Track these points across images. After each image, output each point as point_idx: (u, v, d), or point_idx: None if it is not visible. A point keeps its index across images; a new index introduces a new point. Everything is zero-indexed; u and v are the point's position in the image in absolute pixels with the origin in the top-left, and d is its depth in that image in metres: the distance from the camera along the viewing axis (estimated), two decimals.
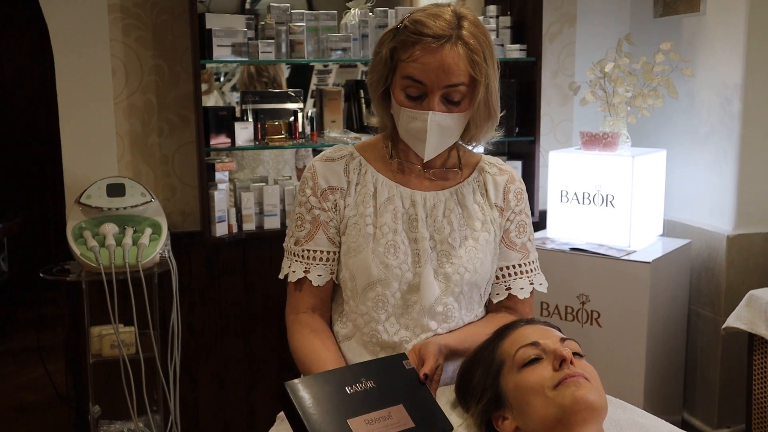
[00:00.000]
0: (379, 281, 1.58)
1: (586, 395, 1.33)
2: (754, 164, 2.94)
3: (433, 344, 1.55)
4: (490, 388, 1.44)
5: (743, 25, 2.88)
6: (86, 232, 2.63)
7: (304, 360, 1.59)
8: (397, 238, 1.59)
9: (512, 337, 1.47)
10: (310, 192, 1.64)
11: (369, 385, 1.45)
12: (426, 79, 1.49)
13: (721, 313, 2.96)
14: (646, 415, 1.62)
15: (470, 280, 1.61)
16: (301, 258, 1.63)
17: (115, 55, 2.94)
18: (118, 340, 2.62)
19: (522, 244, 1.70)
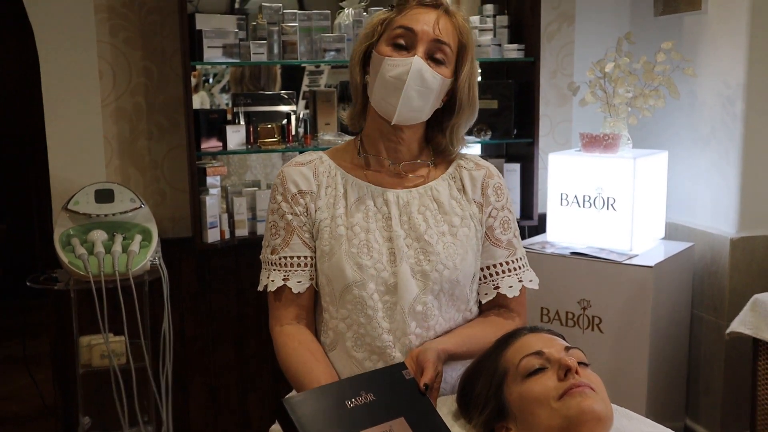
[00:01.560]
0: (355, 283, 1.57)
1: (592, 406, 1.33)
2: (757, 165, 2.94)
3: (431, 351, 1.54)
4: (493, 399, 1.44)
5: (746, 24, 2.88)
6: (74, 239, 2.62)
7: (295, 374, 1.59)
8: (371, 237, 1.58)
9: (516, 346, 1.46)
10: (280, 198, 1.64)
11: (369, 398, 1.43)
12: (417, 27, 1.55)
13: (724, 317, 2.96)
14: (652, 424, 1.62)
15: (450, 277, 1.59)
16: (279, 266, 1.63)
17: (102, 56, 2.93)
18: (108, 350, 2.62)
19: (508, 241, 1.69)
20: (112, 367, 2.61)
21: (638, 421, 1.60)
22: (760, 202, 2.97)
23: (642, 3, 3.38)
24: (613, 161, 2.86)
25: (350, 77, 1.67)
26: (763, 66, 2.89)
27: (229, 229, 2.93)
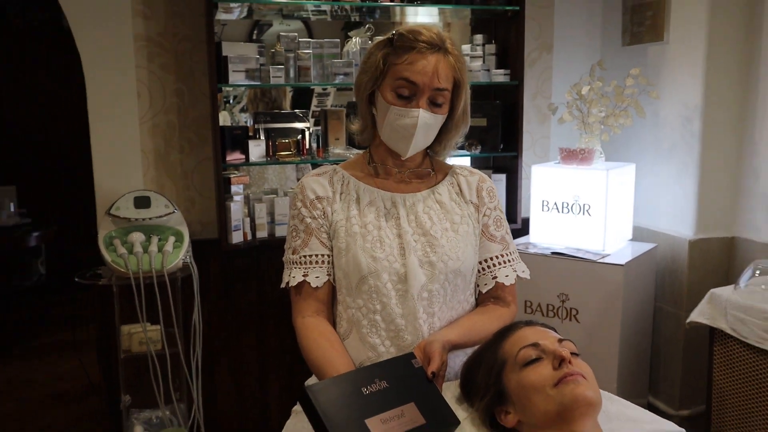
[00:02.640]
0: (370, 274, 1.53)
1: (584, 392, 1.29)
2: (712, 177, 2.89)
3: (437, 342, 1.49)
4: (494, 386, 1.39)
5: (702, 53, 2.84)
6: (116, 240, 2.56)
7: (315, 361, 1.53)
8: (382, 234, 1.56)
9: (513, 338, 1.41)
10: (300, 204, 1.61)
11: (383, 386, 1.39)
12: (419, 81, 1.50)
13: (683, 309, 2.92)
14: (631, 406, 1.57)
15: (454, 268, 1.56)
16: (299, 264, 1.59)
17: (140, 79, 2.86)
18: (146, 338, 2.57)
19: (501, 237, 1.67)
20: (149, 352, 2.56)
21: (619, 404, 1.56)
22: (715, 209, 2.92)
23: (611, 34, 3.32)
24: (588, 172, 2.80)
25: (358, 104, 1.63)
26: (717, 90, 2.84)
27: (251, 231, 2.86)
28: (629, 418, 1.51)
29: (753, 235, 2.84)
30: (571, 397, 1.27)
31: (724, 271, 2.93)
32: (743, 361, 2.48)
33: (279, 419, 3.09)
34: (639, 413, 1.54)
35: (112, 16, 2.80)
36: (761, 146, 2.80)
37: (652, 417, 1.54)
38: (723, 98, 2.85)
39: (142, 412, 2.76)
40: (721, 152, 2.88)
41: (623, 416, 1.51)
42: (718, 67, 2.83)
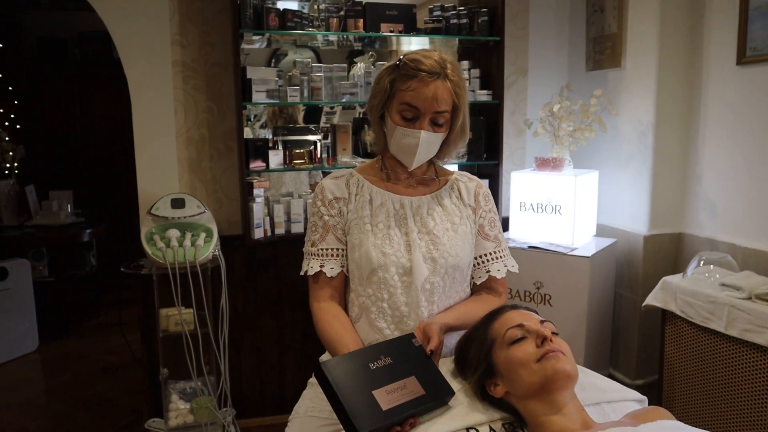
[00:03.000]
0: (380, 267, 1.48)
1: (564, 366, 1.24)
2: (662, 182, 2.84)
3: (435, 324, 1.45)
4: (484, 361, 1.33)
5: (654, 78, 2.78)
6: (155, 236, 2.49)
7: (329, 340, 1.48)
8: (391, 232, 1.51)
9: (501, 320, 1.36)
10: (320, 203, 1.56)
11: (387, 361, 1.34)
12: (420, 105, 1.45)
13: (638, 294, 2.86)
14: (600, 377, 1.53)
15: (453, 263, 1.51)
16: (317, 256, 1.54)
17: (176, 99, 2.80)
18: (181, 319, 2.49)
19: (494, 236, 1.63)
20: (183, 332, 2.48)
21: (591, 376, 1.52)
22: (665, 209, 2.86)
23: (576, 61, 3.27)
24: (559, 178, 2.73)
25: (371, 122, 1.58)
26: (666, 108, 2.79)
27: (270, 228, 2.79)
28: (599, 388, 1.45)
29: (697, 231, 2.78)
30: (552, 370, 1.22)
31: (672, 262, 2.87)
32: (690, 338, 2.42)
33: (294, 389, 3.04)
34: (607, 383, 1.49)
35: (154, 45, 2.74)
36: (703, 156, 2.74)
37: (619, 387, 1.48)
38: (671, 116, 2.80)
39: (177, 383, 2.69)
40: (670, 161, 2.83)
41: (594, 386, 1.45)
42: (667, 89, 2.78)
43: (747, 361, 2.19)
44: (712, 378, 2.33)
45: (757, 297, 2.17)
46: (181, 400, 2.66)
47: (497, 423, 1.32)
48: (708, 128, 2.72)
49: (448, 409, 1.34)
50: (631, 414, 1.27)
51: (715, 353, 2.31)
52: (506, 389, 1.29)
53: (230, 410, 2.69)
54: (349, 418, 1.20)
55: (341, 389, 1.23)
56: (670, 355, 2.53)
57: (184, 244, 2.46)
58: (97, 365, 3.81)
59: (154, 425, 2.73)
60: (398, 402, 1.27)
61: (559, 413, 1.22)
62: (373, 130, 1.58)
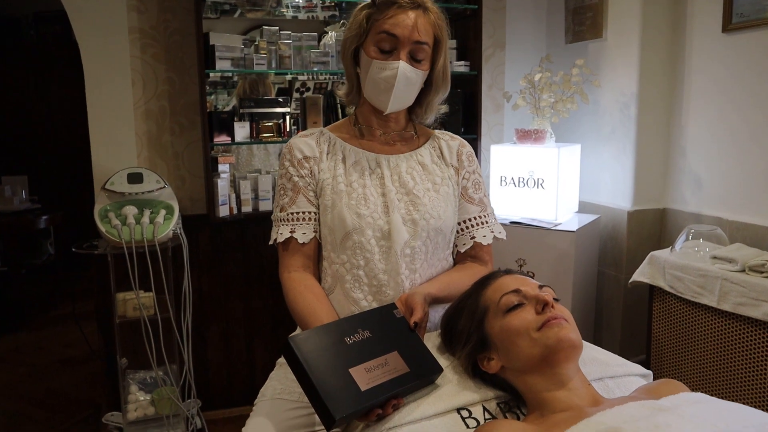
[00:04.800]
0: (355, 230, 1.30)
1: (568, 334, 1.06)
2: (646, 156, 2.71)
3: (419, 294, 1.27)
4: (476, 333, 1.15)
5: (637, 48, 2.65)
6: (110, 213, 2.27)
7: (300, 314, 1.29)
8: (367, 192, 1.33)
9: (494, 285, 1.18)
10: (288, 164, 1.37)
11: (366, 335, 1.15)
12: (399, 33, 1.28)
13: (622, 272, 2.73)
14: (602, 351, 1.37)
15: (435, 226, 1.34)
16: (286, 221, 1.35)
17: (134, 68, 2.56)
18: (139, 304, 2.28)
19: (479, 199, 1.45)
20: (142, 317, 2.27)
21: (591, 349, 1.37)
22: (649, 184, 2.73)
23: (555, 33, 3.12)
24: (541, 150, 2.58)
25: (343, 65, 1.40)
26: (650, 79, 2.66)
27: (236, 206, 2.59)
28: (601, 362, 1.30)
29: (681, 206, 2.66)
30: (555, 339, 1.05)
31: (656, 238, 2.75)
32: (679, 314, 2.30)
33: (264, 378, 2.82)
34: (609, 357, 1.33)
35: (108, 10, 2.50)
36: (687, 128, 2.62)
37: (622, 360, 1.33)
38: (655, 86, 2.67)
39: (137, 373, 2.47)
40: (653, 134, 2.70)
41: (595, 361, 1.29)
42: (651, 59, 2.65)
43: (741, 335, 2.06)
44: (703, 354, 2.20)
45: (750, 269, 2.04)
46: (141, 391, 2.45)
47: (491, 402, 1.15)
48: (692, 99, 2.59)
49: (435, 388, 1.16)
50: (644, 388, 1.11)
51: (706, 329, 2.18)
52: (502, 363, 1.11)
53: (195, 401, 2.49)
54: (323, 400, 1.02)
55: (312, 368, 1.05)
56: (658, 333, 2.40)
57: (141, 222, 2.25)
58: (53, 358, 3.56)
59: (112, 419, 2.51)
60: (379, 381, 1.08)
61: (563, 388, 1.05)
62: (345, 76, 1.41)
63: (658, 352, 2.42)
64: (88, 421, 2.77)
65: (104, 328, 2.62)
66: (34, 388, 3.17)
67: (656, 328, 2.41)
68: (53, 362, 3.50)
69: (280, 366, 1.40)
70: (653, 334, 2.43)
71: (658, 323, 2.40)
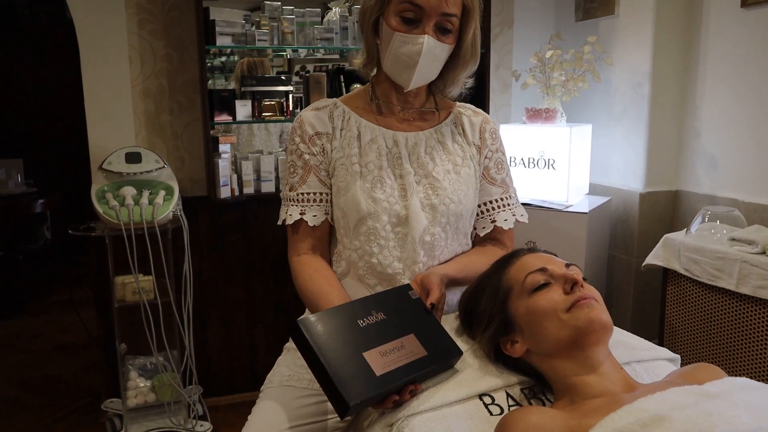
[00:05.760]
0: (369, 215, 1.21)
1: (599, 315, 0.98)
2: (659, 136, 2.62)
3: (435, 274, 1.18)
4: (498, 314, 1.07)
5: (651, 24, 2.55)
6: (108, 194, 2.18)
7: (311, 297, 1.20)
8: (383, 174, 1.23)
9: (518, 264, 1.10)
10: (299, 140, 1.27)
11: (380, 317, 1.06)
12: (424, 3, 1.15)
13: (633, 255, 2.66)
14: (627, 334, 1.29)
15: (455, 211, 1.25)
16: (296, 202, 1.26)
17: (131, 45, 2.46)
18: (139, 288, 2.20)
19: (502, 180, 1.35)
20: (141, 301, 2.19)
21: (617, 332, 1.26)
22: (662, 165, 2.65)
23: (564, 11, 3.02)
24: (553, 129, 2.49)
25: (363, 34, 1.28)
26: (664, 57, 2.57)
27: (238, 187, 2.50)
28: (628, 345, 1.22)
29: (694, 188, 2.58)
30: (586, 320, 0.97)
31: (668, 221, 2.67)
32: (694, 298, 2.22)
33: (266, 364, 2.75)
34: (636, 341, 1.26)
35: None
36: (702, 108, 2.53)
37: (648, 344, 1.25)
38: (669, 65, 2.58)
39: (136, 359, 2.40)
40: (667, 113, 2.61)
41: (621, 344, 1.21)
42: (665, 36, 2.56)
43: (761, 319, 1.99)
44: (720, 339, 2.13)
45: None
46: (141, 377, 2.38)
47: (515, 388, 1.07)
48: (707, 78, 2.50)
49: (455, 373, 1.09)
50: (678, 373, 1.03)
51: (723, 313, 2.11)
52: (527, 347, 1.04)
53: (196, 388, 2.41)
54: (336, 387, 0.94)
55: (324, 352, 0.97)
56: (672, 318, 2.33)
57: (140, 203, 2.16)
58: (51, 344, 3.48)
59: (112, 406, 2.44)
60: (395, 365, 1.01)
61: (594, 373, 0.98)
62: (364, 45, 1.29)
63: (671, 336, 2.35)
64: (87, 408, 2.69)
65: (103, 313, 2.54)
66: (32, 374, 3.09)
67: (670, 312, 2.34)
68: (51, 348, 3.43)
69: (288, 351, 1.32)
70: (667, 319, 2.36)
71: (672, 307, 2.33)
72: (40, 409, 2.71)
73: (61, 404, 2.75)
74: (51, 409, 2.71)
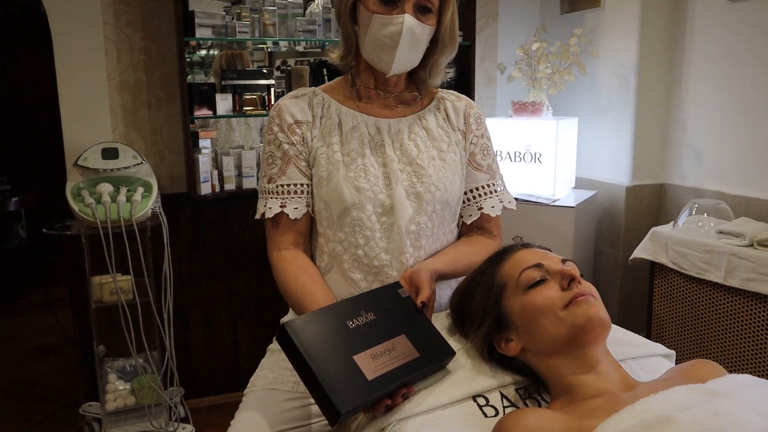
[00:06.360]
0: (354, 206, 1.16)
1: (597, 312, 0.95)
2: (646, 129, 2.61)
3: (424, 271, 1.14)
4: (492, 312, 1.03)
5: (637, 16, 2.53)
6: (84, 191, 2.10)
7: (294, 296, 1.15)
8: (367, 162, 1.18)
9: (512, 260, 1.06)
10: (277, 129, 1.21)
11: (370, 318, 1.02)
12: None
13: (620, 249, 2.64)
14: (621, 330, 1.26)
15: (441, 199, 1.21)
16: (275, 194, 1.20)
17: (107, 37, 2.38)
18: (117, 288, 2.13)
19: (488, 166, 1.31)
20: (120, 302, 2.12)
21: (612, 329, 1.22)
22: (648, 158, 2.63)
23: (549, 3, 2.99)
24: (539, 123, 2.46)
25: (339, 23, 1.23)
26: (650, 49, 2.55)
27: (219, 184, 2.44)
28: (623, 342, 1.19)
29: (680, 181, 2.57)
30: (584, 317, 0.94)
31: (654, 214, 2.66)
32: (682, 291, 2.21)
33: (249, 364, 2.69)
34: (630, 337, 1.23)
35: None
36: (687, 101, 2.52)
37: (643, 340, 1.23)
38: (655, 58, 2.56)
39: (115, 361, 2.33)
40: (653, 107, 2.60)
41: (616, 340, 1.18)
42: (651, 29, 2.54)
43: (749, 312, 1.98)
44: (708, 332, 2.12)
45: (759, 243, 1.96)
46: (121, 380, 2.31)
47: (509, 388, 1.04)
48: (693, 71, 2.49)
49: (447, 374, 1.05)
50: (677, 370, 1.00)
51: (711, 306, 2.10)
52: (522, 345, 1.00)
53: (177, 389, 2.35)
54: (326, 393, 0.89)
55: (313, 356, 0.92)
56: (660, 311, 2.32)
57: (117, 200, 2.09)
58: (27, 347, 3.38)
59: (90, 410, 2.37)
60: (386, 368, 0.96)
61: (592, 371, 0.95)
62: (341, 35, 1.24)
63: (659, 330, 2.34)
64: (64, 412, 2.62)
65: (80, 314, 2.46)
66: (8, 377, 3.01)
67: (657, 306, 2.33)
68: (27, 351, 3.33)
69: (272, 352, 1.27)
70: (654, 313, 2.35)
71: (660, 301, 2.32)
72: (16, 414, 2.63)
73: (38, 408, 2.67)
74: (27, 414, 2.63)
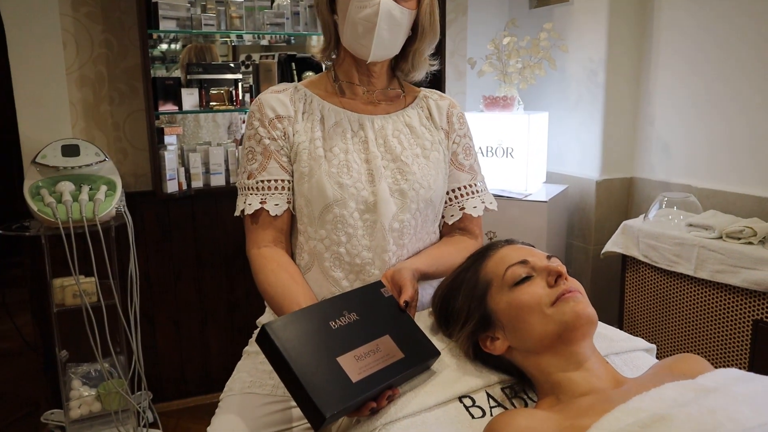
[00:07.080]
0: (336, 202, 1.13)
1: (585, 309, 0.94)
2: (615, 124, 2.63)
3: (406, 270, 1.11)
4: (477, 310, 1.01)
5: (605, 11, 2.55)
6: (43, 190, 2.02)
7: (274, 296, 1.11)
8: (350, 158, 1.15)
9: (496, 257, 1.04)
10: (258, 123, 1.17)
11: (353, 318, 0.99)
12: None
13: (591, 243, 2.66)
14: (603, 325, 1.24)
15: (425, 197, 1.19)
16: (255, 190, 1.17)
17: (65, 28, 2.29)
18: (80, 290, 2.04)
19: (470, 166, 1.30)
20: (84, 305, 2.03)
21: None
22: (617, 152, 2.66)
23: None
24: (511, 117, 2.46)
25: (318, 15, 1.21)
26: (619, 44, 2.57)
27: (185, 181, 2.37)
28: (605, 337, 1.18)
29: (648, 175, 2.61)
30: (572, 314, 0.92)
31: (624, 208, 2.69)
32: (653, 284, 2.24)
33: (220, 365, 2.65)
34: (612, 332, 1.23)
35: None
36: (655, 95, 2.56)
37: (624, 335, 1.22)
38: (624, 51, 2.59)
39: (80, 366, 2.25)
40: (622, 101, 2.62)
41: (599, 336, 1.17)
42: (619, 23, 2.56)
43: (719, 303, 2.02)
44: (679, 323, 2.15)
45: (728, 236, 1.99)
46: (86, 386, 2.22)
47: (495, 388, 1.02)
48: (660, 65, 2.52)
49: (432, 375, 1.02)
50: (663, 365, 1.00)
51: (682, 298, 2.13)
52: (508, 343, 0.98)
53: (145, 393, 2.28)
54: (310, 397, 0.86)
55: (295, 359, 0.88)
56: (631, 304, 2.35)
57: (80, 199, 2.01)
58: None
59: (53, 418, 2.28)
60: (371, 370, 0.93)
61: (580, 369, 0.93)
62: (321, 26, 1.21)
63: (631, 323, 2.37)
64: (25, 420, 2.52)
65: (40, 318, 2.37)
66: None
67: (629, 298, 2.36)
68: None
69: (249, 354, 1.23)
70: (626, 306, 2.37)
71: (631, 294, 2.35)
72: None
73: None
74: None
